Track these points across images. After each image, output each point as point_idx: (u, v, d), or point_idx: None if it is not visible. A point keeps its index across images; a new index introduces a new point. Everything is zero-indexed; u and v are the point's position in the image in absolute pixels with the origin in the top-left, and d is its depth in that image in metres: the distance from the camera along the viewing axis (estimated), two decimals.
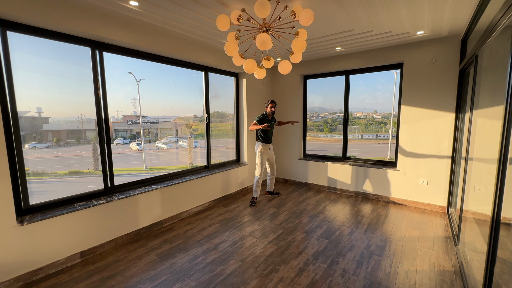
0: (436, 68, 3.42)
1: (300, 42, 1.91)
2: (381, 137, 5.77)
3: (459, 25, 2.90)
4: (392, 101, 4.87)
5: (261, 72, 2.31)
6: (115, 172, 2.84)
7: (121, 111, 3.55)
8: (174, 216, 3.30)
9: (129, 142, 3.80)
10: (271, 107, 3.88)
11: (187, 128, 4.62)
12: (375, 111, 5.65)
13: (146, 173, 3.95)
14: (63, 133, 2.94)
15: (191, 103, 4.10)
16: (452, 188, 3.39)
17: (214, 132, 4.27)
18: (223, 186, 4.09)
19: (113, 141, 3.50)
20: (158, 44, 2.95)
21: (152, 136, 4.09)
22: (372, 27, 2.94)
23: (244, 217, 3.45)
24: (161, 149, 4.32)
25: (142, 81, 3.45)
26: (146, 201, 2.97)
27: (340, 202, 3.99)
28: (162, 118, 4.10)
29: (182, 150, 4.75)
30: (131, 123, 3.73)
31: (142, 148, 3.94)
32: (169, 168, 4.41)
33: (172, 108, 4.05)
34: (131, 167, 3.96)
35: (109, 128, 2.76)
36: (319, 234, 2.92)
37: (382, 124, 5.70)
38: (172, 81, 3.95)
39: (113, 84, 2.86)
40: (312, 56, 4.33)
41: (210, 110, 4.00)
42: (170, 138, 4.37)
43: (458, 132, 3.29)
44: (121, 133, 3.72)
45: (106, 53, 2.69)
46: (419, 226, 3.08)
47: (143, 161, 4.04)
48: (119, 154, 3.55)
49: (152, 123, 3.99)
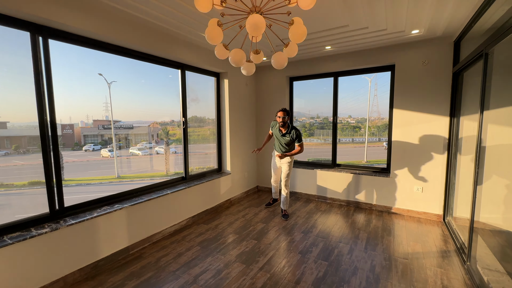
0: (428, 70, 3.27)
1: (299, 29, 1.56)
2: (356, 141, 5.92)
3: (455, 25, 2.76)
4: (368, 106, 5.01)
5: (250, 67, 1.92)
6: (77, 182, 2.35)
7: (91, 115, 3.27)
8: (145, 239, 2.76)
9: (100, 148, 3.44)
10: (280, 116, 3.23)
11: (164, 133, 4.14)
12: (349, 116, 5.79)
13: (118, 182, 3.56)
14: (24, 139, 2.66)
15: (168, 106, 3.68)
16: (448, 195, 3.23)
17: (193, 137, 3.83)
18: (203, 200, 3.60)
19: (81, 148, 3.23)
20: (123, 33, 2.44)
21: (126, 142, 3.71)
22: (368, 23, 2.70)
23: (229, 236, 3.00)
24: (136, 156, 3.91)
25: (114, 83, 3.03)
26: (107, 225, 2.40)
27: (332, 213, 3.68)
28: (137, 122, 3.74)
29: (158, 156, 4.28)
30: (102, 128, 3.42)
31: (114, 155, 3.54)
32: (143, 176, 4.00)
33: (147, 112, 3.63)
34: (101, 175, 3.55)
35: (56, 133, 2.19)
36: (316, 254, 2.55)
37: (356, 128, 5.87)
38: (147, 83, 3.47)
39: (81, 85, 2.62)
40: (300, 56, 4.04)
41: (189, 114, 3.54)
42: (145, 144, 3.97)
43: (453, 137, 3.15)
44: (91, 139, 3.39)
45: (54, 41, 2.13)
46: (419, 239, 2.85)
47: (115, 169, 3.60)
48: (88, 161, 3.33)
49: (126, 128, 3.63)
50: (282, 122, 3.25)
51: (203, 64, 3.52)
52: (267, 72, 4.61)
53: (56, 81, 2.17)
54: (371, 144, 5.69)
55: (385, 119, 5.92)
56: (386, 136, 6.07)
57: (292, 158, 3.49)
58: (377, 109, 5.35)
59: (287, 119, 3.26)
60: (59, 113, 2.44)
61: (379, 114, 5.44)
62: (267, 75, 4.62)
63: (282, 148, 3.45)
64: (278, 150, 3.50)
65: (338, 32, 2.95)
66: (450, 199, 3.21)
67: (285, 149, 3.44)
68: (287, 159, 3.45)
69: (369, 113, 5.34)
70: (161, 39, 2.85)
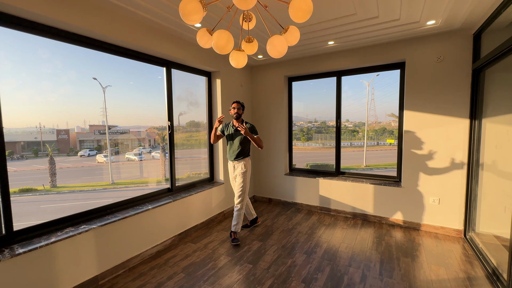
0: (444, 66, 2.92)
1: (302, 3, 1.18)
2: (355, 145, 5.84)
3: (477, 15, 2.41)
4: (366, 109, 4.93)
5: (240, 57, 1.54)
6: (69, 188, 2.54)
7: (88, 120, 3.25)
8: (119, 265, 2.32)
9: (95, 154, 3.39)
10: (235, 107, 2.89)
11: (160, 138, 3.86)
12: (347, 120, 5.67)
13: (112, 188, 3.45)
14: (19, 145, 2.68)
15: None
16: (469, 208, 2.84)
17: (190, 142, 3.70)
18: (192, 214, 3.18)
19: (77, 153, 3.22)
20: (89, 20, 2.06)
21: (123, 147, 3.61)
22: (379, 11, 2.34)
23: (220, 258, 2.57)
24: (132, 161, 3.80)
25: (111, 88, 2.91)
26: (70, 251, 1.98)
27: (337, 228, 3.27)
28: (134, 127, 3.66)
29: (155, 162, 4.12)
30: (98, 133, 3.37)
31: (109, 161, 3.42)
32: (138, 182, 3.79)
33: (144, 117, 3.45)
34: (96, 181, 3.48)
35: (3, 141, 1.78)
36: (322, 284, 2.13)
37: (354, 132, 5.82)
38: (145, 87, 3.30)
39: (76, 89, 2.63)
40: (300, 54, 3.68)
41: (187, 118, 3.37)
42: (142, 149, 3.83)
43: (474, 141, 2.77)
44: (87, 144, 3.35)
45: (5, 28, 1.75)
46: (441, 261, 2.45)
47: (110, 175, 3.47)
48: (83, 167, 3.27)
49: (122, 133, 3.55)
50: (237, 114, 2.88)
51: (192, 61, 3.14)
52: (264, 72, 4.25)
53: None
54: (370, 148, 5.65)
55: (382, 123, 5.79)
56: (385, 140, 5.90)
57: (248, 167, 2.96)
58: (375, 113, 5.29)
59: (241, 111, 2.91)
60: (56, 118, 2.65)
61: (376, 118, 5.43)
62: (264, 75, 4.25)
63: (236, 151, 2.93)
64: (230, 157, 2.98)
65: (343, 23, 2.60)
66: (472, 212, 2.82)
67: (238, 151, 2.92)
68: (242, 167, 2.93)
69: (367, 117, 5.29)
70: (141, 30, 2.47)
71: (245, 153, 2.96)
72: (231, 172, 3.06)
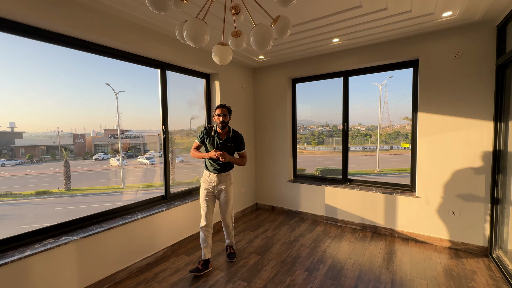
0: (463, 63, 2.62)
1: None
2: (367, 149, 5.66)
3: (502, 4, 2.13)
4: (379, 113, 4.76)
5: (224, 52, 1.35)
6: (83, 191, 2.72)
7: (104, 125, 3.41)
8: (103, 280, 2.16)
9: (109, 157, 3.51)
10: (220, 114, 2.31)
11: (171, 142, 3.86)
12: (359, 123, 5.59)
13: (123, 191, 3.57)
14: (38, 149, 2.81)
15: (180, 114, 3.45)
16: (495, 222, 2.50)
17: None
18: (187, 224, 3.00)
19: (92, 157, 3.34)
20: (77, 22, 1.95)
21: (136, 151, 3.72)
22: (387, 2, 2.10)
23: (214, 273, 2.37)
24: (144, 165, 3.90)
25: (123, 93, 3.03)
26: (47, 265, 1.83)
27: (344, 240, 3.00)
28: (147, 132, 3.74)
29: None
30: (112, 137, 3.50)
31: (120, 164, 3.53)
32: (148, 185, 3.81)
33: (156, 121, 3.32)
34: (108, 185, 3.53)
35: None
36: None
37: (367, 136, 5.67)
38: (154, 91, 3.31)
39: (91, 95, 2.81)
40: (303, 54, 3.47)
41: (198, 123, 3.50)
42: (153, 152, 3.90)
43: (499, 146, 2.45)
44: (102, 148, 3.48)
45: None
46: (464, 284, 2.13)
47: (121, 178, 3.57)
48: (97, 170, 3.38)
49: (135, 137, 3.66)
50: (223, 123, 2.31)
51: (188, 63, 3.00)
52: (266, 73, 4.06)
53: None
54: (383, 152, 5.46)
55: (396, 127, 5.50)
56: (399, 144, 5.58)
57: (233, 179, 2.54)
58: (388, 116, 5.11)
59: (228, 118, 2.36)
60: (73, 123, 2.86)
61: (389, 121, 5.22)
62: (266, 77, 4.07)
63: (217, 165, 2.38)
64: (214, 168, 2.40)
65: (348, 18, 2.37)
66: (499, 227, 2.48)
67: (222, 165, 2.39)
68: (230, 179, 2.47)
69: (380, 120, 5.11)
70: (132, 30, 2.35)
71: (229, 164, 2.47)
72: (210, 186, 2.42)
